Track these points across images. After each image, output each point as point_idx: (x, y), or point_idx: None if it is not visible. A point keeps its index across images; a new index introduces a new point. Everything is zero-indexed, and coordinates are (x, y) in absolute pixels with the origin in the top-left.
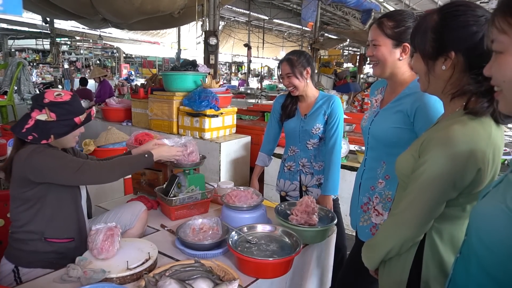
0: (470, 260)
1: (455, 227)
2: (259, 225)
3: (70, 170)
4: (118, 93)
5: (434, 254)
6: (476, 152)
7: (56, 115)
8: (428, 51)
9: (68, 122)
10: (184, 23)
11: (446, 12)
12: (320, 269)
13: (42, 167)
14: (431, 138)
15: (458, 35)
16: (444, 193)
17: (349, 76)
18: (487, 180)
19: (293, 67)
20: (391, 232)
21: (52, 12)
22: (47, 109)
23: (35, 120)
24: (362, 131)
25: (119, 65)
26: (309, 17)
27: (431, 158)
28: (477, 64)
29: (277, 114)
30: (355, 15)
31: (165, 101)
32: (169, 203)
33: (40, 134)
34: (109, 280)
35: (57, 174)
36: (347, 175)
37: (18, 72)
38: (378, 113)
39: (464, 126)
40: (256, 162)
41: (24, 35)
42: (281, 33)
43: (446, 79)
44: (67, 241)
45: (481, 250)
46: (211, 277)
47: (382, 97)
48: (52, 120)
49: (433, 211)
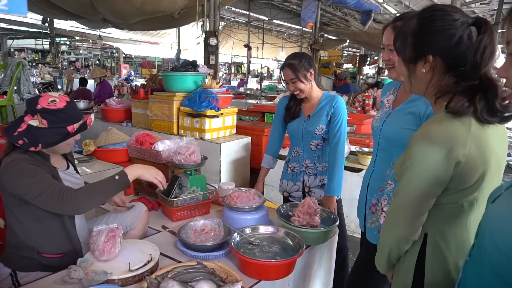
0: (482, 264)
1: (458, 228)
2: (261, 227)
3: (33, 193)
4: (118, 93)
5: (437, 256)
6: (452, 146)
7: (48, 123)
8: (409, 55)
9: (60, 131)
10: (184, 23)
11: (423, 17)
12: (322, 270)
13: (13, 180)
14: (411, 137)
15: (435, 39)
16: (427, 188)
17: (348, 77)
18: (476, 176)
19: (296, 72)
20: (387, 233)
21: (52, 12)
22: (39, 116)
23: (28, 124)
24: (373, 132)
25: (118, 66)
26: (309, 17)
27: (411, 155)
28: (455, 66)
29: (281, 116)
30: (355, 16)
31: (165, 101)
32: (171, 204)
33: (29, 140)
34: (111, 282)
35: (23, 193)
36: (348, 176)
37: (18, 72)
38: (390, 114)
39: (441, 122)
40: (262, 164)
41: (24, 35)
42: (281, 34)
43: (427, 81)
44: (59, 256)
45: (495, 254)
46: (214, 279)
47: (394, 98)
48: (43, 127)
49: (420, 207)
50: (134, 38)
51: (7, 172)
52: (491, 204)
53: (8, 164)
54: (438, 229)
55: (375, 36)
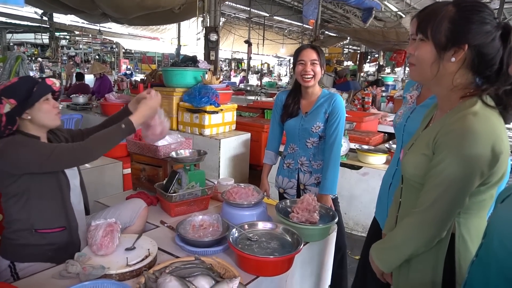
0: (489, 264)
1: (481, 220)
2: (260, 223)
3: (43, 157)
4: (118, 88)
5: (466, 252)
6: (496, 140)
7: (16, 99)
8: (442, 41)
9: (26, 99)
10: (184, 18)
11: (465, 6)
12: (320, 267)
13: (15, 159)
14: (446, 132)
15: (475, 30)
16: (469, 187)
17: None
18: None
19: (320, 56)
20: (415, 231)
21: (51, 6)
22: (4, 99)
23: (4, 114)
24: (396, 129)
25: (118, 61)
26: (310, 14)
27: (451, 154)
28: (481, 64)
29: (279, 111)
30: (356, 13)
31: (164, 96)
32: (169, 199)
33: (13, 123)
34: (109, 277)
35: (30, 163)
36: (346, 174)
37: (17, 66)
38: (415, 110)
39: (477, 116)
40: (264, 161)
41: (23, 29)
42: (282, 30)
43: (451, 72)
44: (58, 230)
45: (503, 255)
46: (212, 274)
47: (418, 93)
48: (15, 105)
49: (458, 206)
50: (134, 33)
51: (8, 150)
52: (500, 205)
53: (5, 145)
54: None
55: (376, 33)
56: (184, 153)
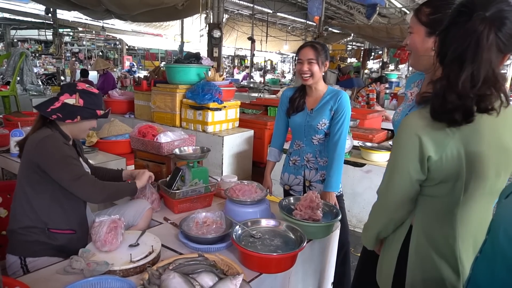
0: (495, 260)
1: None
2: (263, 220)
3: (70, 175)
4: (121, 85)
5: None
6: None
7: (84, 102)
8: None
9: (91, 112)
10: (187, 15)
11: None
12: (323, 264)
13: (49, 155)
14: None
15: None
16: (409, 173)
17: (352, 71)
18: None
19: (318, 54)
20: (377, 214)
21: (55, 2)
22: (77, 95)
23: (63, 102)
24: (394, 126)
25: (121, 57)
26: (315, 11)
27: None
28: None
29: (284, 107)
30: (360, 9)
31: (168, 93)
32: (172, 196)
33: (64, 115)
34: (112, 273)
35: (56, 171)
36: (350, 171)
37: (21, 62)
38: (413, 107)
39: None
40: (268, 158)
41: (27, 25)
42: (285, 27)
43: None
44: (69, 232)
45: (510, 248)
46: (215, 271)
47: (418, 90)
48: (79, 106)
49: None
50: (138, 30)
51: (44, 146)
52: (505, 200)
53: (47, 137)
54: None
55: (380, 30)
56: (187, 150)
